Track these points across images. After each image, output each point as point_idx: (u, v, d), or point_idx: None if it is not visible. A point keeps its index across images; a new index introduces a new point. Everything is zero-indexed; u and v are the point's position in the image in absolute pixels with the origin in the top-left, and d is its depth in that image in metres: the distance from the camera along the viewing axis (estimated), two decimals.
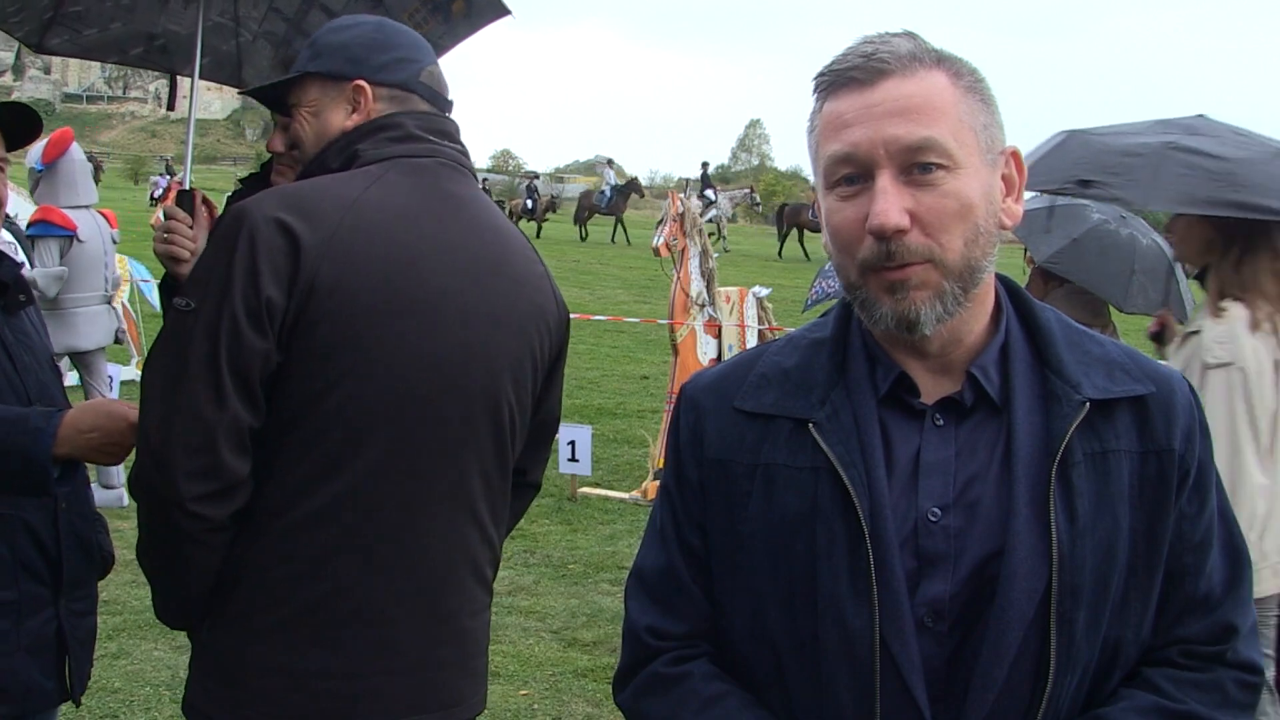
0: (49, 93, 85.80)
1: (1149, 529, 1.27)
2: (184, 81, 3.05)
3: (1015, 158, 1.29)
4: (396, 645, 1.75)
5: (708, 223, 27.76)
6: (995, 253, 1.26)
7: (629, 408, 9.88)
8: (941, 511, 1.24)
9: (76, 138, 6.46)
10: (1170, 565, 1.28)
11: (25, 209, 6.68)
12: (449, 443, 1.77)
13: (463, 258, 1.80)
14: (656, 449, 7.14)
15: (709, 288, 7.39)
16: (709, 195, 31.12)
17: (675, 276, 7.39)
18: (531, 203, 32.43)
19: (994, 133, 1.26)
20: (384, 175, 1.77)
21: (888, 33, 1.26)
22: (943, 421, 1.28)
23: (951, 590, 1.23)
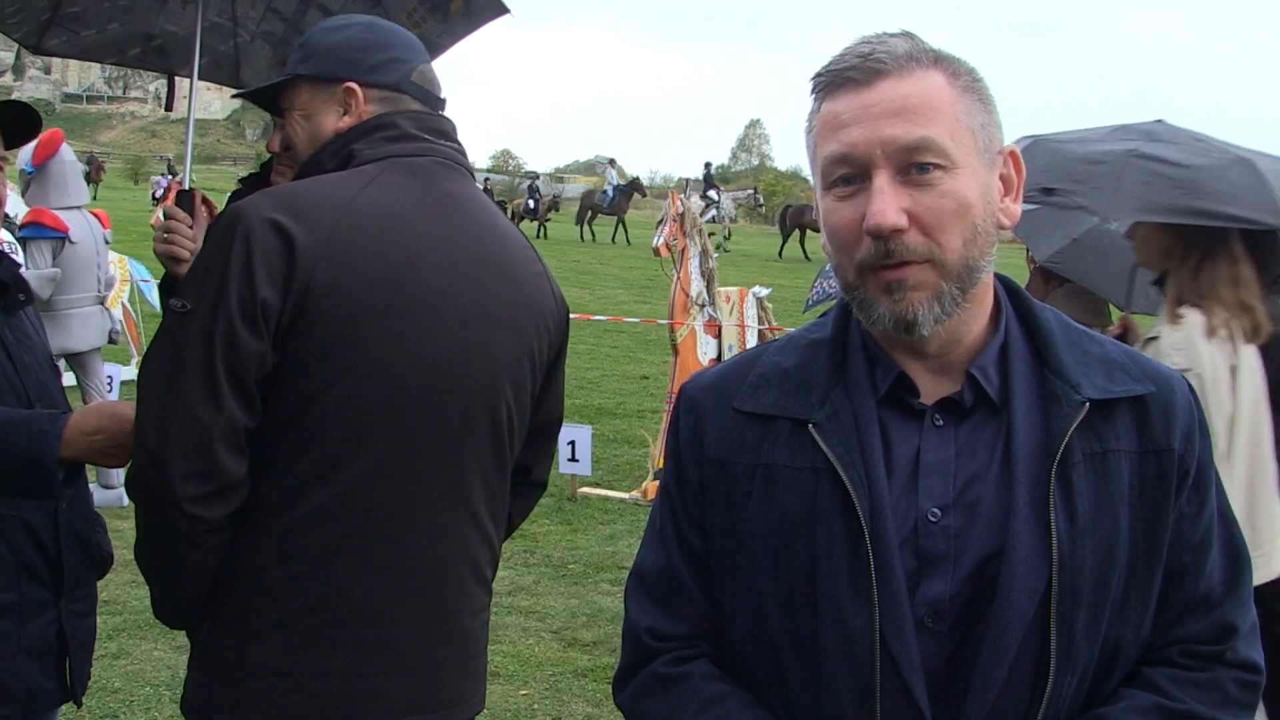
0: (49, 93, 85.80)
1: (1149, 529, 1.26)
2: (182, 82, 3.05)
3: (1014, 157, 1.29)
4: (396, 645, 1.75)
5: (711, 223, 27.82)
6: (994, 252, 1.26)
7: (629, 408, 9.88)
8: (941, 512, 1.24)
9: (77, 138, 6.45)
10: (1170, 565, 1.28)
11: (23, 210, 6.66)
12: (448, 442, 1.77)
13: (461, 257, 1.79)
14: (656, 449, 7.14)
15: (709, 288, 7.39)
16: (712, 195, 31.09)
17: (675, 276, 7.39)
18: (534, 202, 32.38)
19: (992, 132, 1.26)
20: (380, 175, 1.77)
21: (885, 33, 1.26)
22: (942, 422, 1.28)
23: (951, 590, 1.23)
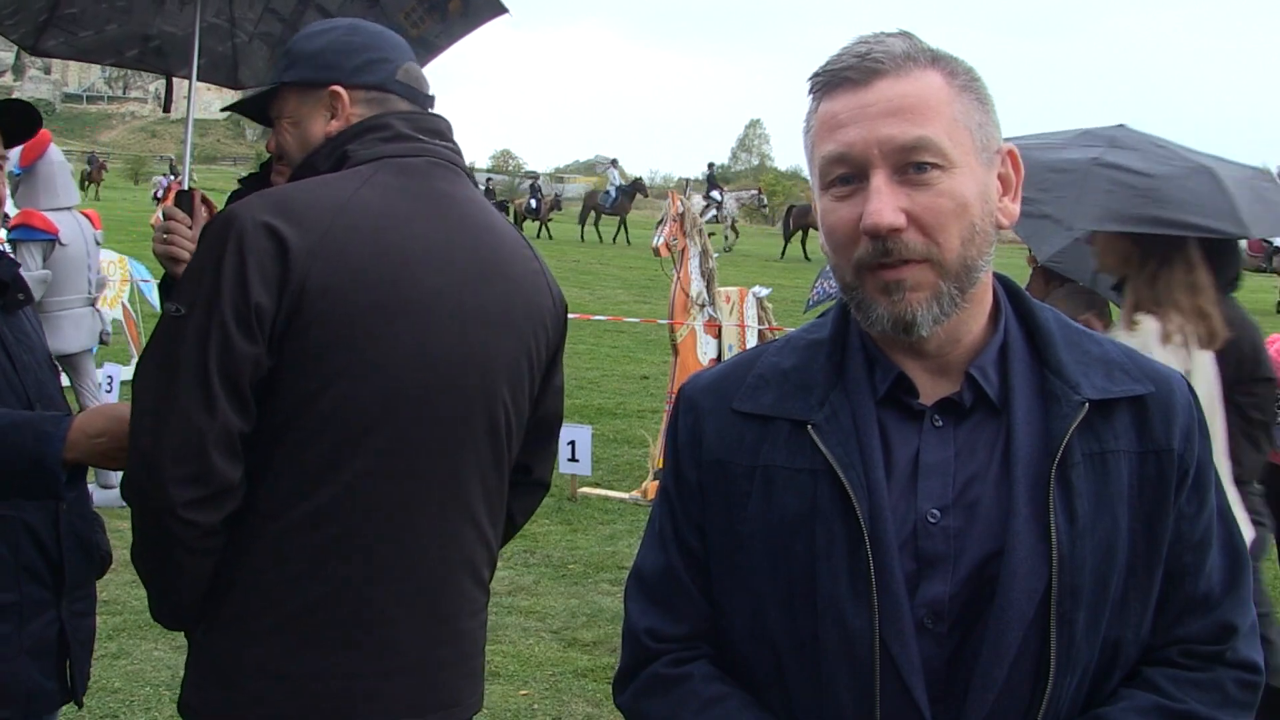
0: (49, 93, 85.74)
1: (1148, 529, 1.26)
2: (180, 83, 3.05)
3: (1012, 156, 1.29)
4: (396, 646, 1.75)
5: (713, 223, 27.74)
6: (992, 252, 1.26)
7: (629, 408, 9.87)
8: (941, 513, 1.24)
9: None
10: (1170, 565, 1.28)
11: (12, 211, 6.62)
12: (447, 443, 1.77)
13: (458, 257, 1.79)
14: (656, 449, 7.14)
15: (709, 288, 7.38)
16: (715, 196, 31.02)
17: (675, 276, 7.38)
18: (536, 202, 32.33)
19: (990, 131, 1.26)
20: (374, 176, 1.77)
21: (883, 32, 1.26)
22: (941, 422, 1.27)
23: (951, 591, 1.23)
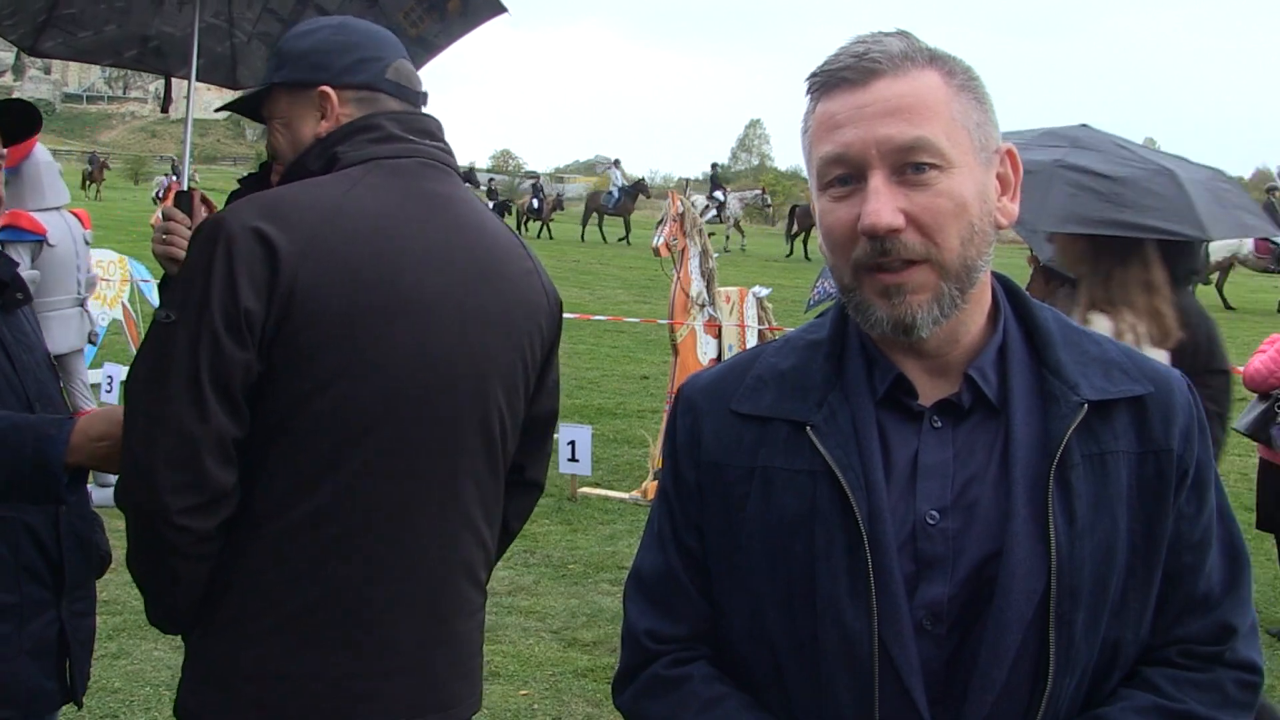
0: (49, 92, 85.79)
1: (1148, 529, 1.26)
2: (179, 83, 3.05)
3: (1011, 156, 1.29)
4: (396, 646, 1.75)
5: (713, 223, 27.63)
6: (991, 252, 1.26)
7: (629, 408, 9.87)
8: (940, 514, 1.23)
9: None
10: (1169, 565, 1.28)
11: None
12: (446, 443, 1.77)
13: (457, 258, 1.79)
14: (656, 449, 7.14)
15: (709, 288, 7.37)
16: (718, 196, 30.95)
17: (675, 276, 7.38)
18: (538, 202, 32.29)
19: (988, 131, 1.25)
20: (364, 177, 1.76)
21: (881, 32, 1.26)
22: (940, 423, 1.27)
23: (950, 592, 1.22)
